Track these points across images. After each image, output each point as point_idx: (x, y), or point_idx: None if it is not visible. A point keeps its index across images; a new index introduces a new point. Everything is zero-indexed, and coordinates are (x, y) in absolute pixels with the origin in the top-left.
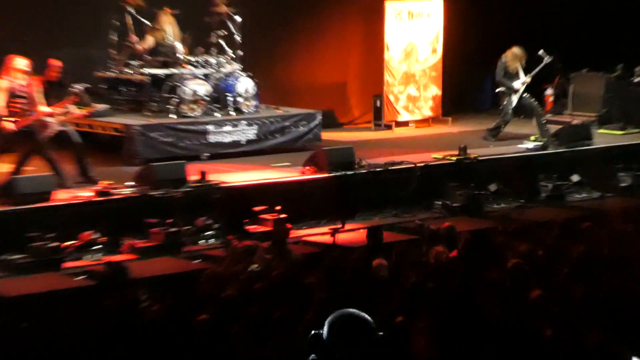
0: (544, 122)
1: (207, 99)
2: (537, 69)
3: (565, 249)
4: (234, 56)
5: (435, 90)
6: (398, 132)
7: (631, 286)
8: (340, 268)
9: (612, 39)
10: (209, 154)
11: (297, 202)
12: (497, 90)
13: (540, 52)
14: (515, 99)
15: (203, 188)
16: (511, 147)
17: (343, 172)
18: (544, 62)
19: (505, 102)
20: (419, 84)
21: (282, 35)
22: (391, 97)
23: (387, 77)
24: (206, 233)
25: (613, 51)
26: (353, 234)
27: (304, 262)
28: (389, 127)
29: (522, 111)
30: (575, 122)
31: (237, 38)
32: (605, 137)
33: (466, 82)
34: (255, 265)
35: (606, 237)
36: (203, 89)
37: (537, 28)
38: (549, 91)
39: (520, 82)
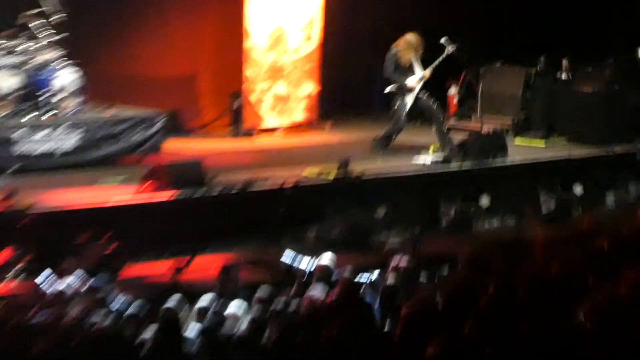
0: (445, 129)
1: (14, 96)
2: (437, 62)
3: (471, 291)
4: (52, 41)
5: (310, 88)
6: (262, 142)
7: (553, 337)
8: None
9: (531, 25)
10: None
11: (132, 230)
12: (388, 88)
13: (443, 39)
14: (409, 100)
15: (6, 213)
16: (405, 161)
17: (191, 193)
18: (447, 53)
19: (397, 104)
20: (289, 79)
21: (117, 15)
22: (253, 97)
23: (247, 70)
24: (11, 271)
25: (533, 40)
26: (203, 271)
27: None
28: (249, 134)
29: (418, 115)
30: (485, 129)
31: (57, 17)
32: (523, 149)
33: (350, 78)
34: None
35: (523, 277)
36: (7, 83)
37: (439, 11)
38: (453, 90)
39: (416, 79)
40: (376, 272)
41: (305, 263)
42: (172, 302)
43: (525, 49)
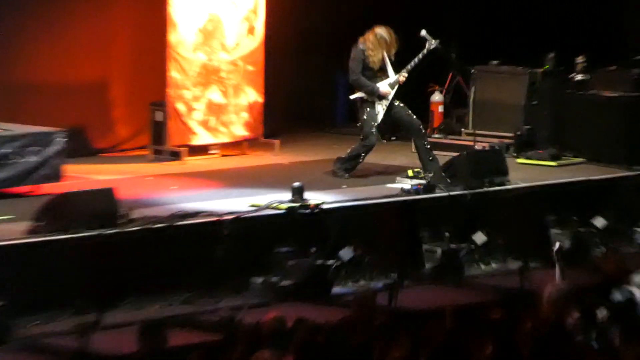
0: (428, 146)
1: None
2: (415, 60)
3: (463, 351)
4: None
5: (254, 96)
6: (192, 164)
7: None
8: None
9: (536, 14)
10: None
11: (23, 281)
12: (353, 96)
13: (422, 32)
14: (381, 110)
15: None
16: (377, 187)
17: (99, 231)
18: (427, 49)
19: (365, 116)
20: (226, 85)
21: (7, 8)
22: (180, 107)
23: (173, 72)
24: None
25: (538, 33)
26: (117, 333)
27: None
28: (176, 155)
29: (392, 130)
30: (479, 146)
31: None
32: (528, 171)
33: (304, 83)
34: None
35: (528, 334)
36: None
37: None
38: (437, 97)
39: (389, 83)
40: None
41: (252, 318)
42: None
43: (528, 45)
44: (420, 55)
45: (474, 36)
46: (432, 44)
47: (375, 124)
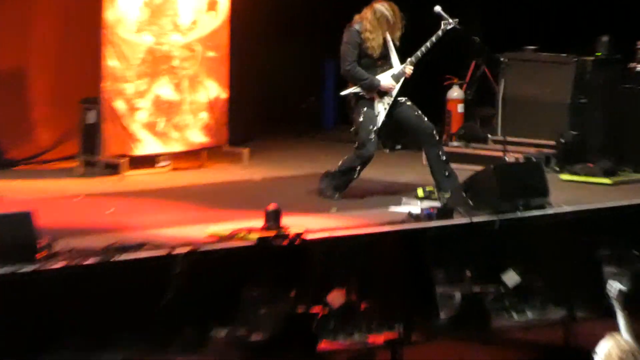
0: (443, 158)
1: None
2: (427, 44)
3: None
4: None
5: (216, 91)
6: (135, 180)
7: None
8: None
9: None
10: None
11: None
12: (345, 91)
13: (437, 9)
14: (382, 109)
15: None
16: (376, 211)
17: (12, 268)
18: (444, 30)
19: (361, 118)
20: (180, 76)
21: None
22: (120, 105)
23: (110, 61)
24: None
25: (583, 13)
26: None
27: None
28: (113, 168)
29: (397, 136)
30: (511, 158)
31: None
32: (575, 191)
33: (284, 74)
34: None
35: None
36: None
37: None
38: (456, 93)
39: (393, 75)
40: None
41: None
42: None
43: (574, 26)
44: (434, 39)
45: (504, 14)
46: (449, 23)
47: (374, 128)
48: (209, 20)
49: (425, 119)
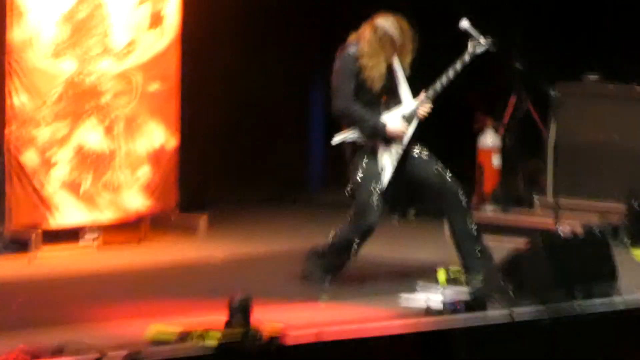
0: (474, 230)
1: None
2: (450, 73)
3: None
4: None
5: (162, 136)
6: (50, 262)
7: None
8: None
9: None
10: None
11: None
12: (339, 137)
13: (464, 23)
14: (388, 162)
15: None
16: (382, 301)
17: None
18: (472, 53)
19: (360, 173)
20: (112, 117)
21: None
22: (30, 158)
23: (17, 97)
24: None
25: None
26: None
27: None
28: (22, 244)
29: (410, 198)
30: (565, 228)
31: None
32: None
33: (255, 112)
34: None
35: None
36: None
37: None
38: (490, 139)
39: (403, 115)
40: None
41: None
42: None
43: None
44: (459, 65)
45: (554, 32)
46: (479, 44)
47: (378, 188)
48: (152, 40)
49: (449, 175)
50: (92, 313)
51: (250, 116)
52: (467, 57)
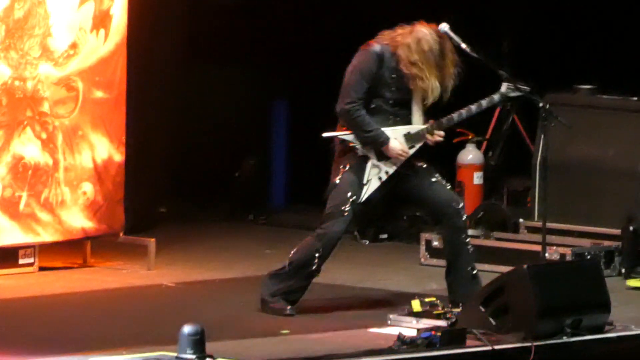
0: (471, 250)
1: None
2: (475, 107)
3: None
4: None
5: (106, 150)
6: None
7: None
8: None
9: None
10: None
11: None
12: (329, 133)
13: (443, 26)
14: (375, 177)
15: None
16: (349, 334)
17: None
18: (504, 94)
19: (338, 177)
20: (51, 128)
21: None
22: None
23: None
24: None
25: None
26: None
27: None
28: None
29: (390, 211)
30: (554, 254)
31: None
32: None
33: (210, 125)
34: None
35: None
36: None
37: None
38: (472, 155)
39: (406, 134)
40: None
41: None
42: None
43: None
44: (485, 103)
45: (544, 37)
46: (514, 89)
47: (355, 198)
48: (97, 43)
49: (449, 186)
50: (28, 346)
51: (204, 129)
52: (496, 98)
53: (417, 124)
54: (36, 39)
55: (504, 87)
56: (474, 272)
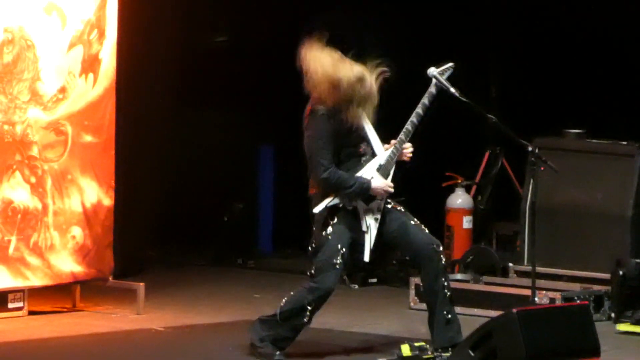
0: (448, 295)
1: None
2: (421, 108)
3: None
4: None
5: (96, 194)
6: None
7: None
8: None
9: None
10: None
11: None
12: (319, 207)
13: (432, 70)
14: (372, 222)
15: None
16: None
17: None
18: (438, 84)
19: (329, 230)
20: (40, 172)
21: None
22: None
23: None
24: None
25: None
26: None
27: None
28: None
29: (377, 260)
30: (543, 299)
31: None
32: None
33: (198, 169)
34: None
35: None
36: None
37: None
38: (461, 199)
39: (378, 168)
40: None
41: None
42: None
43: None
44: (427, 99)
45: (535, 81)
46: (440, 82)
47: (345, 249)
48: (85, 87)
49: (427, 231)
50: None
51: (193, 173)
52: (434, 89)
53: (380, 152)
54: (25, 83)
55: (433, 78)
56: (449, 316)
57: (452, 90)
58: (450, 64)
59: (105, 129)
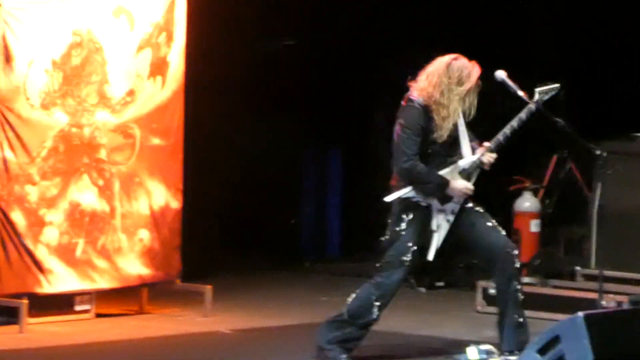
0: (521, 299)
1: None
2: (516, 121)
3: None
4: None
5: (164, 197)
6: (40, 333)
7: None
8: None
9: None
10: None
11: None
12: (392, 196)
13: (500, 74)
14: (443, 222)
15: None
16: None
17: None
18: (540, 100)
19: (402, 226)
20: (108, 175)
21: None
22: (17, 219)
23: (6, 150)
24: None
25: None
26: None
27: None
28: (10, 314)
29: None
30: (612, 303)
31: None
32: None
33: (266, 174)
34: None
35: None
36: None
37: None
38: (528, 202)
39: (461, 171)
40: None
41: None
42: None
43: None
44: (525, 114)
45: (603, 85)
46: (545, 91)
47: (415, 248)
48: (153, 90)
49: (504, 233)
50: None
51: (261, 176)
52: (533, 106)
53: (467, 156)
54: (93, 86)
55: (536, 94)
56: (520, 320)
57: (520, 93)
58: (556, 85)
59: (173, 132)
